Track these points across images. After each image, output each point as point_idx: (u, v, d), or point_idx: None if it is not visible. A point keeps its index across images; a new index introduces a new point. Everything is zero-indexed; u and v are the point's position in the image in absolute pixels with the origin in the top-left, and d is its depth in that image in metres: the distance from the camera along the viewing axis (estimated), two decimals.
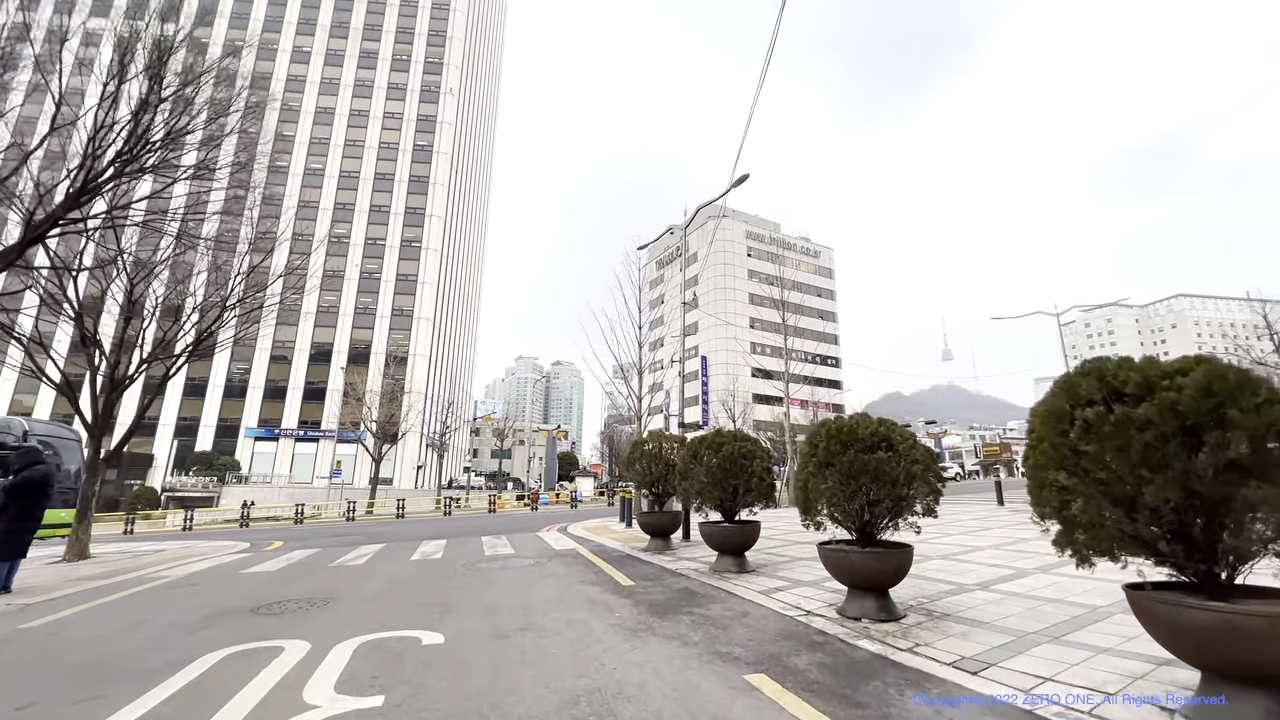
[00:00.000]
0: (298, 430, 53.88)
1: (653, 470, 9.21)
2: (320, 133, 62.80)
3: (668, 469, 9.17)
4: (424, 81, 66.06)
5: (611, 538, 11.20)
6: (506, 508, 34.95)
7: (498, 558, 8.90)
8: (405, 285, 59.15)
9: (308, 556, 10.16)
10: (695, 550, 8.92)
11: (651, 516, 9.18)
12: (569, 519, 19.34)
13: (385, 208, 61.12)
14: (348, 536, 14.85)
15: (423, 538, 12.95)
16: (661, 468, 9.18)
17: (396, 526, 19.13)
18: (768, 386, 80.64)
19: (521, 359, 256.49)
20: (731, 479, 7.11)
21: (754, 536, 7.11)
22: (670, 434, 9.63)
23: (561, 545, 10.29)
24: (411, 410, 47.55)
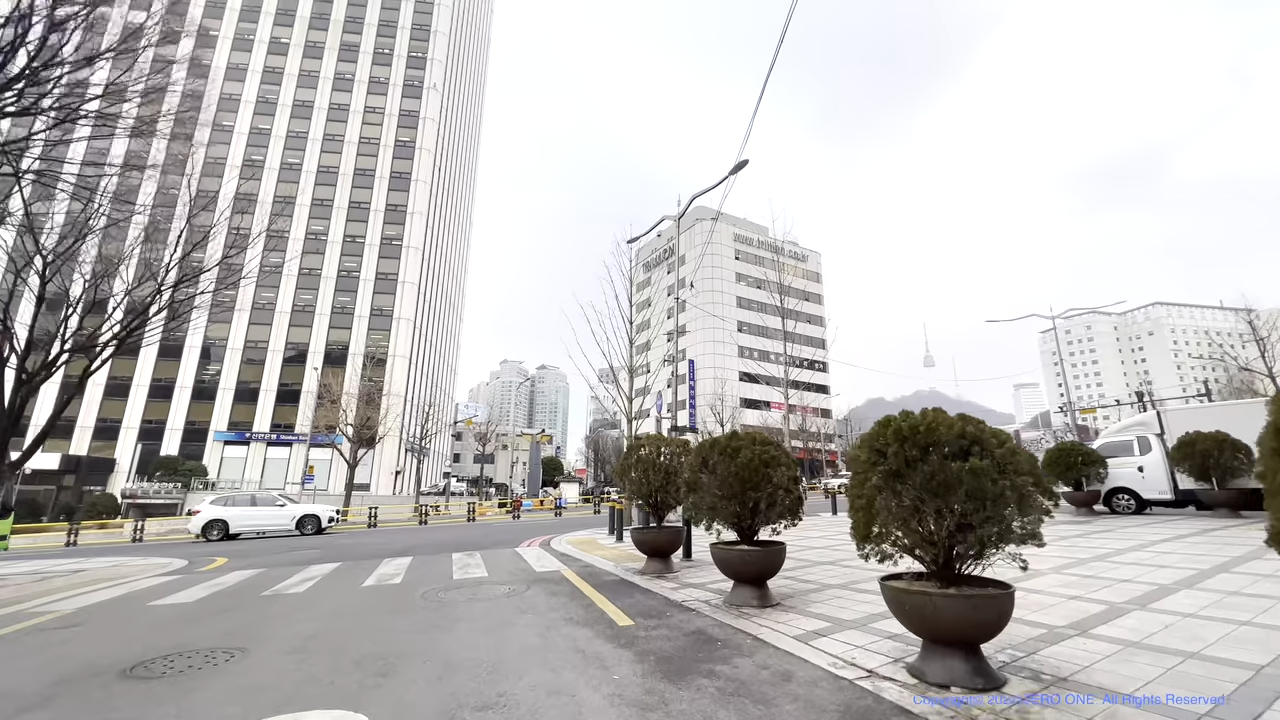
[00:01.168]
0: (270, 434, 51.71)
1: (650, 479, 7.91)
2: (298, 127, 60.81)
3: (668, 478, 7.88)
4: (407, 76, 64.38)
5: (601, 555, 9.86)
6: (488, 515, 33.34)
7: (468, 583, 7.52)
8: (385, 284, 57.31)
9: (243, 581, 8.69)
10: (701, 573, 7.62)
11: (649, 533, 7.86)
12: (553, 529, 17.94)
13: (365, 204, 59.27)
14: (304, 551, 13.32)
15: (386, 554, 11.50)
16: (661, 476, 7.87)
17: (363, 538, 17.57)
18: (756, 390, 79.97)
19: (506, 363, 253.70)
20: (751, 491, 5.84)
21: (778, 562, 5.83)
22: (671, 437, 8.33)
23: (544, 566, 8.93)
24: (390, 413, 45.68)
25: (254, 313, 54.37)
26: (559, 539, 13.39)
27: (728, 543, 6.03)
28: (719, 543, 6.09)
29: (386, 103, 63.03)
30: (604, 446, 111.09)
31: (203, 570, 10.44)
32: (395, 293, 57.11)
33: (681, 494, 6.58)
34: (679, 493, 7.89)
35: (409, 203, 60.04)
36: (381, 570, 8.96)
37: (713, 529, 6.27)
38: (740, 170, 17.21)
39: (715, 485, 6.07)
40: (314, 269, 56.40)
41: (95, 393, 50.69)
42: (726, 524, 6.05)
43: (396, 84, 63.84)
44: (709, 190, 18.36)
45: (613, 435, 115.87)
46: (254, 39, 62.85)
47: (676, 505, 8.11)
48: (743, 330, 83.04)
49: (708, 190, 18.43)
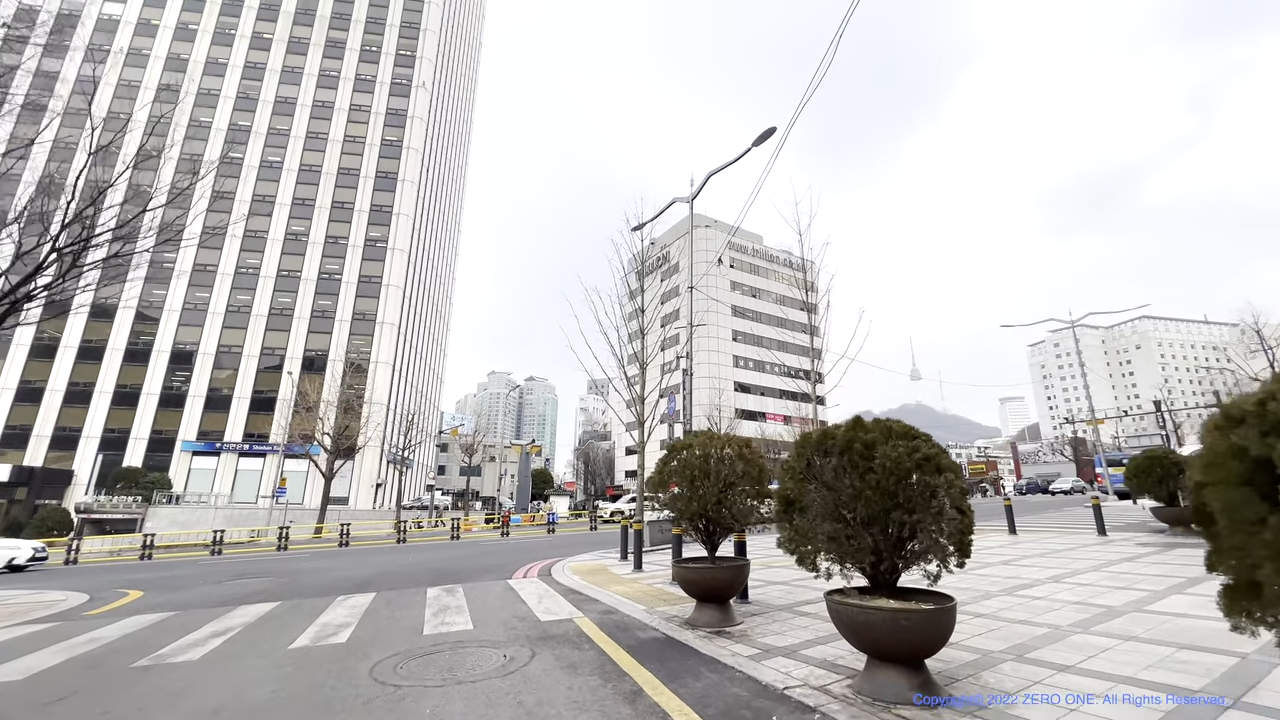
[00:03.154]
0: (242, 444, 48.64)
1: (702, 493, 5.67)
2: (280, 124, 58.37)
3: (726, 490, 5.65)
4: (394, 74, 62.31)
5: (621, 593, 7.57)
6: (474, 530, 30.76)
7: (444, 643, 5.22)
8: (368, 287, 54.71)
9: (129, 635, 6.28)
10: (778, 627, 5.39)
11: (702, 571, 5.59)
12: (550, 551, 15.57)
13: (349, 204, 56.80)
14: (246, 582, 10.86)
15: (345, 588, 9.10)
16: (716, 488, 5.64)
17: (328, 561, 15.09)
18: (751, 401, 78.02)
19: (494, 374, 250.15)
20: (898, 512, 3.64)
21: (947, 630, 3.59)
22: (729, 434, 6.10)
23: (550, 611, 6.61)
24: (370, 421, 43.00)
25: (228, 315, 51.52)
26: (561, 565, 11.06)
27: (859, 599, 3.80)
28: (841, 594, 3.87)
29: (373, 101, 60.84)
30: (594, 459, 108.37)
31: (95, 613, 7.99)
32: (379, 296, 54.53)
33: (775, 515, 4.32)
34: (744, 511, 5.67)
35: (395, 203, 57.69)
36: (328, 617, 6.60)
37: (820, 569, 4.06)
38: (765, 140, 15.24)
39: (832, 502, 3.86)
40: (293, 271, 53.73)
41: (54, 400, 47.50)
42: (850, 563, 3.85)
43: (384, 82, 61.73)
44: (729, 165, 16.33)
45: (603, 447, 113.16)
46: (235, 33, 60.53)
47: (737, 528, 5.87)
48: (737, 339, 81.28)
49: (727, 165, 16.39)
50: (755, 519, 5.73)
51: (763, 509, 5.79)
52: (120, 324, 50.04)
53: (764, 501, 5.79)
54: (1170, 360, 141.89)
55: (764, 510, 5.79)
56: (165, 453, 47.68)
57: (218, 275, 52.40)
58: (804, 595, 6.89)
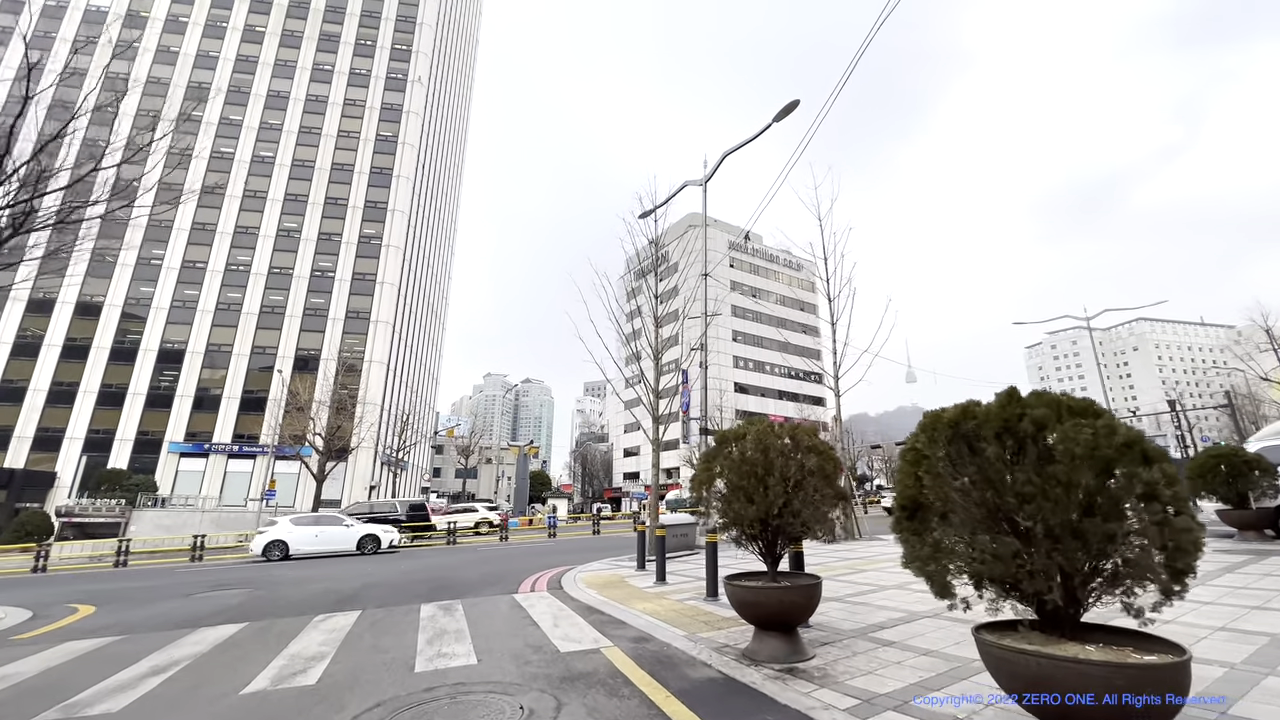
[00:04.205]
0: (231, 445, 47.27)
1: (763, 493, 4.55)
2: (272, 118, 57.14)
3: (794, 491, 4.53)
4: (390, 68, 61.17)
5: (648, 611, 6.44)
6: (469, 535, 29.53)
7: (441, 686, 4.09)
8: (362, 285, 53.45)
9: (58, 667, 5.12)
10: (857, 657, 4.29)
11: (764, 591, 4.46)
12: (553, 556, 14.42)
13: (343, 200, 55.58)
14: (218, 595, 9.68)
15: (325, 605, 7.93)
16: (781, 489, 4.52)
17: (311, 571, 13.90)
18: (751, 401, 76.94)
19: (490, 375, 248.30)
20: (1099, 520, 2.52)
21: (1184, 691, 2.46)
22: (798, 422, 4.96)
23: (569, 636, 5.47)
24: (363, 421, 41.73)
25: (218, 313, 50.19)
26: (571, 575, 9.92)
27: (1033, 635, 2.68)
28: (998, 632, 2.74)
29: (368, 95, 59.68)
30: (592, 460, 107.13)
31: (27, 636, 6.79)
32: (373, 294, 53.27)
33: (917, 524, 3.16)
34: (818, 517, 4.56)
35: (390, 199, 56.48)
36: (300, 645, 5.44)
37: (956, 594, 2.95)
38: (786, 115, 14.18)
39: (989, 507, 2.75)
40: (285, 268, 52.45)
41: (36, 399, 46.06)
42: (1024, 590, 2.73)
43: (379, 76, 60.57)
44: (746, 144, 15.26)
45: (601, 449, 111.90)
46: (227, 25, 59.29)
47: (804, 538, 4.74)
48: (737, 340, 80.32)
49: (745, 144, 15.32)
50: (828, 528, 4.60)
51: (837, 513, 4.67)
52: (106, 322, 48.64)
53: (840, 504, 4.67)
54: (1168, 362, 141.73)
55: (839, 515, 4.67)
56: (152, 454, 46.27)
57: (207, 272, 51.07)
58: (872, 616, 5.77)
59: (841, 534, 4.51)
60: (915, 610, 6.00)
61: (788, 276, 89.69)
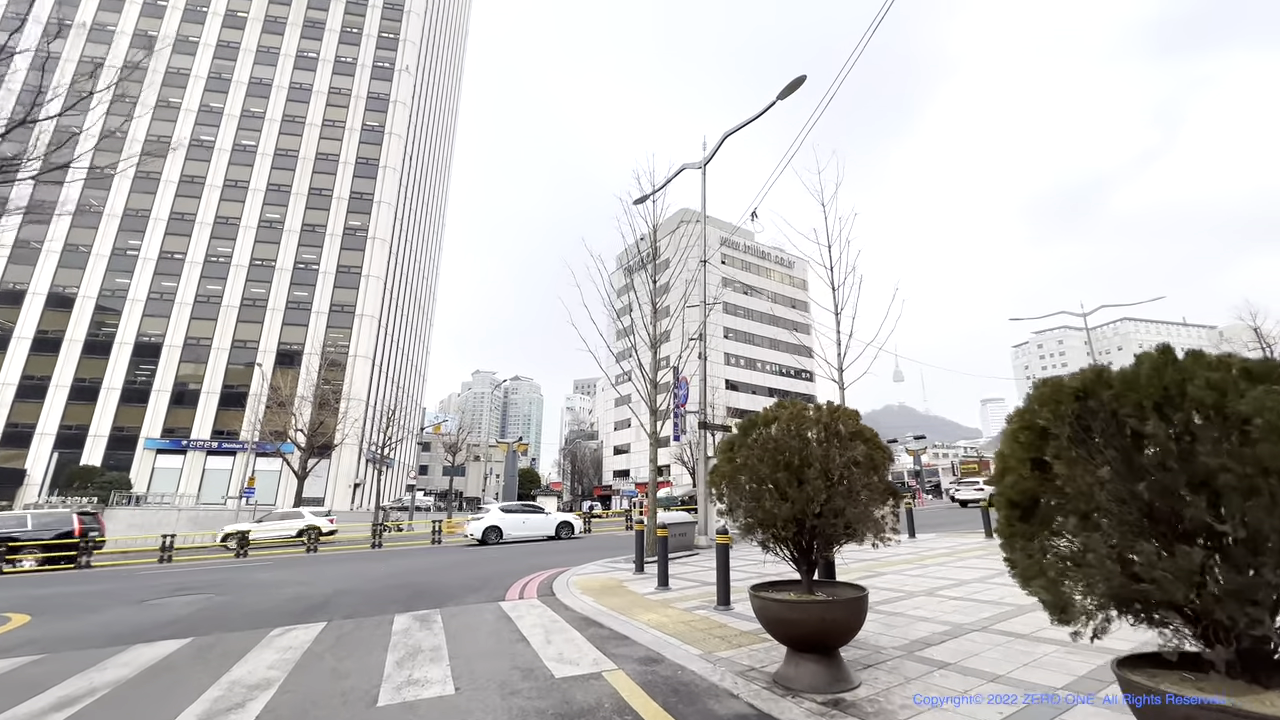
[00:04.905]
0: (210, 441, 45.89)
1: (794, 485, 3.79)
2: (254, 105, 55.61)
3: (838, 485, 3.78)
4: (376, 57, 59.79)
5: (654, 623, 5.68)
6: (458, 532, 28.62)
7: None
8: (347, 278, 52.17)
9: None
10: (912, 684, 3.57)
11: (802, 607, 3.70)
12: (543, 556, 13.61)
13: (327, 191, 54.21)
14: (173, 602, 8.82)
15: (285, 616, 7.08)
16: (821, 483, 3.76)
17: (283, 573, 13.01)
18: (743, 399, 76.37)
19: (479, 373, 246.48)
20: None
21: None
22: (835, 405, 4.20)
23: (566, 659, 4.68)
24: (346, 417, 40.58)
25: (197, 306, 48.73)
26: (563, 578, 9.13)
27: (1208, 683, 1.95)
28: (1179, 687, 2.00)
29: (354, 84, 58.29)
30: (581, 458, 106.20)
31: None
32: (359, 287, 52.01)
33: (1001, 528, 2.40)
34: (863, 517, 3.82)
35: (376, 191, 55.19)
36: (245, 668, 4.62)
37: (1081, 621, 2.21)
38: (792, 91, 13.45)
39: (1140, 503, 2.01)
40: (268, 260, 51.06)
41: (5, 394, 44.38)
42: (1190, 622, 2.00)
43: (365, 65, 59.18)
44: (749, 123, 14.52)
45: (590, 446, 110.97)
46: (207, 10, 57.61)
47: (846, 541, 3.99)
48: (728, 336, 79.76)
49: (747, 124, 14.58)
50: (875, 529, 3.86)
51: (884, 512, 3.93)
52: (80, 314, 47.02)
53: (888, 501, 3.93)
54: None
55: (888, 514, 3.93)
56: (127, 451, 44.79)
57: (186, 263, 49.56)
58: (911, 629, 5.05)
59: (890, 536, 3.78)
60: (957, 622, 5.29)
61: (780, 274, 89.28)
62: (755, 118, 14.25)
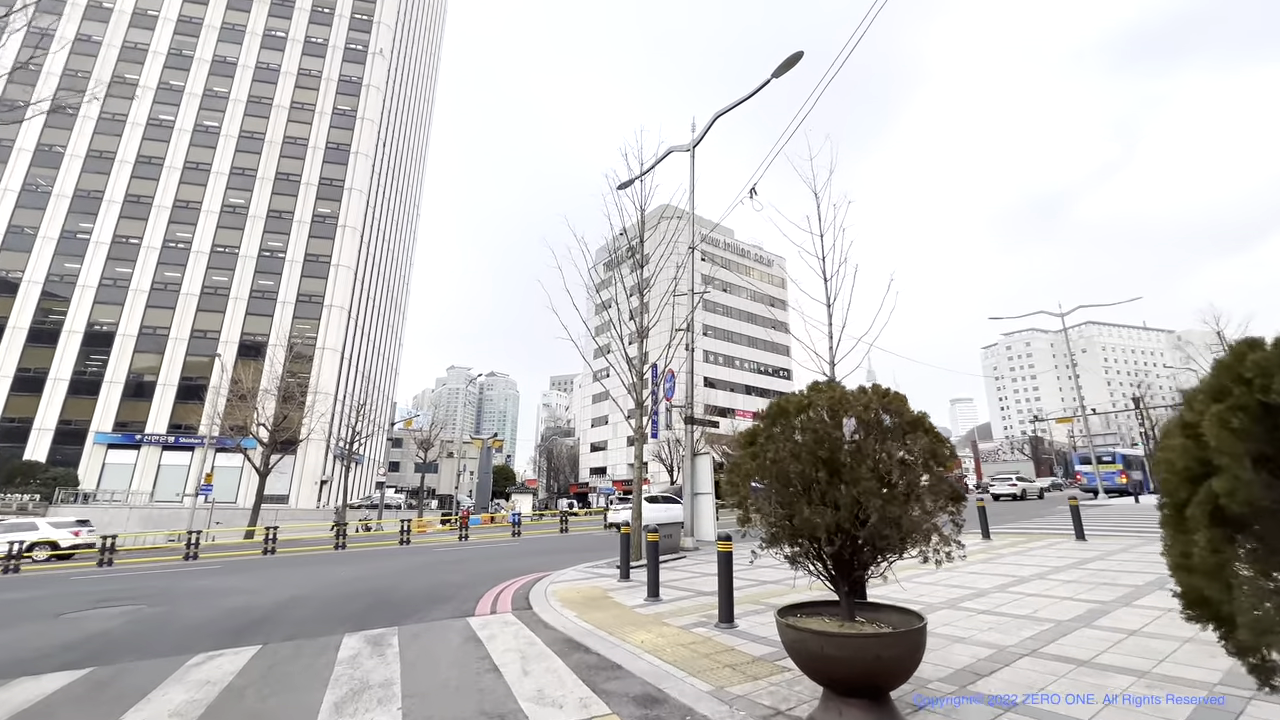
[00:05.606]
0: (166, 436, 43.68)
1: (838, 487, 3.02)
2: (218, 85, 53.15)
3: (896, 485, 3.02)
4: (349, 38, 57.68)
5: (649, 646, 4.88)
6: (428, 533, 27.50)
7: None
8: (315, 267, 50.16)
9: None
10: None
11: (844, 643, 2.92)
12: (518, 559, 12.74)
13: (295, 176, 52.07)
14: (93, 615, 7.74)
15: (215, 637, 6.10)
16: (875, 482, 3.00)
17: (235, 578, 11.91)
18: (721, 397, 76.10)
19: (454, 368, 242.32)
20: None
21: None
22: (884, 388, 3.44)
23: (547, 701, 3.80)
24: (313, 411, 38.94)
25: (154, 293, 46.34)
26: (541, 587, 8.27)
27: None
28: None
29: (325, 66, 56.12)
30: (557, 455, 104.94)
31: None
32: (328, 277, 50.05)
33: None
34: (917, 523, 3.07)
35: (347, 178, 53.21)
36: (142, 715, 3.69)
37: None
38: (788, 69, 12.75)
39: None
40: (230, 246, 48.80)
41: None
42: None
43: (337, 46, 57.03)
44: (742, 103, 13.78)
45: (567, 443, 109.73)
46: None
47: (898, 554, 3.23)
48: (707, 334, 79.41)
49: (739, 103, 13.85)
50: (941, 541, 3.11)
51: (945, 519, 3.19)
52: (24, 299, 44.28)
53: (950, 507, 3.19)
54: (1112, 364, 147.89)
55: (950, 521, 3.19)
56: (75, 445, 42.34)
57: (142, 248, 47.07)
58: (953, 654, 4.33)
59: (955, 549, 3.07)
60: (999, 644, 4.60)
61: (759, 272, 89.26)
62: (749, 96, 13.53)
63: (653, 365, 20.20)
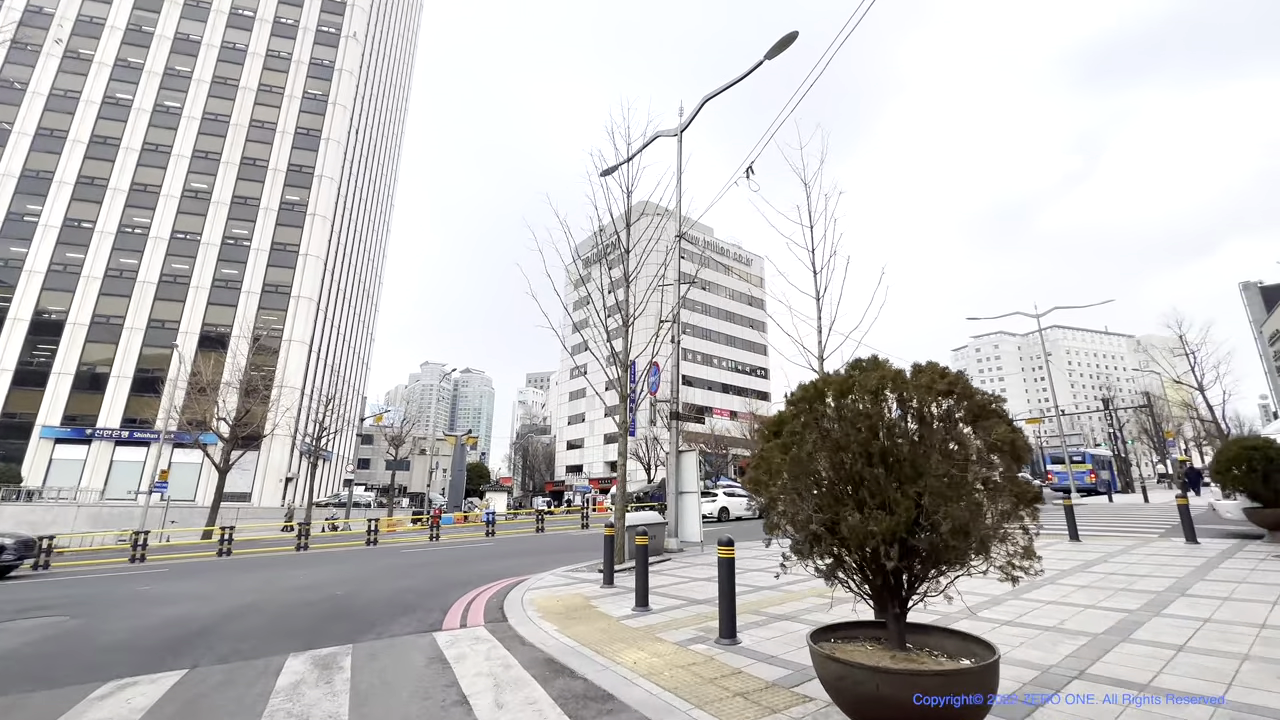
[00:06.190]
0: (120, 431, 41.54)
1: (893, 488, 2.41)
2: (180, 64, 50.80)
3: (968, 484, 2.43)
4: (320, 20, 55.74)
5: (644, 668, 4.26)
6: (398, 531, 26.45)
7: None
8: (283, 256, 48.30)
9: None
10: None
11: (903, 681, 2.32)
12: (492, 562, 11.99)
13: (262, 162, 50.07)
14: (6, 631, 6.79)
15: (133, 662, 5.29)
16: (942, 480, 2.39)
17: (180, 583, 10.94)
18: (698, 395, 75.80)
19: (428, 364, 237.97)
20: None
21: None
22: (947, 371, 2.88)
23: None
24: (278, 405, 37.37)
25: (108, 280, 44.05)
26: (517, 594, 7.57)
27: None
28: None
29: (295, 48, 54.13)
30: (533, 453, 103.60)
31: None
32: (295, 267, 48.23)
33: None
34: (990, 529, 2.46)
35: (317, 164, 51.37)
36: None
37: None
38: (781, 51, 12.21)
39: None
40: (192, 233, 46.67)
41: None
42: None
43: (308, 28, 55.06)
44: (733, 85, 13.21)
45: (543, 441, 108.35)
46: None
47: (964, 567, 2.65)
48: (686, 332, 79.03)
49: (730, 86, 13.27)
50: (1021, 552, 2.54)
51: (1028, 526, 2.62)
52: None
53: (1028, 510, 2.61)
54: (1076, 367, 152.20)
55: (1027, 528, 2.61)
56: (19, 440, 40.00)
57: (96, 233, 44.69)
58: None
59: (1033, 564, 2.52)
60: (1041, 662, 4.08)
61: (739, 271, 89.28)
62: (741, 78, 12.95)
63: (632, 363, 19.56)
